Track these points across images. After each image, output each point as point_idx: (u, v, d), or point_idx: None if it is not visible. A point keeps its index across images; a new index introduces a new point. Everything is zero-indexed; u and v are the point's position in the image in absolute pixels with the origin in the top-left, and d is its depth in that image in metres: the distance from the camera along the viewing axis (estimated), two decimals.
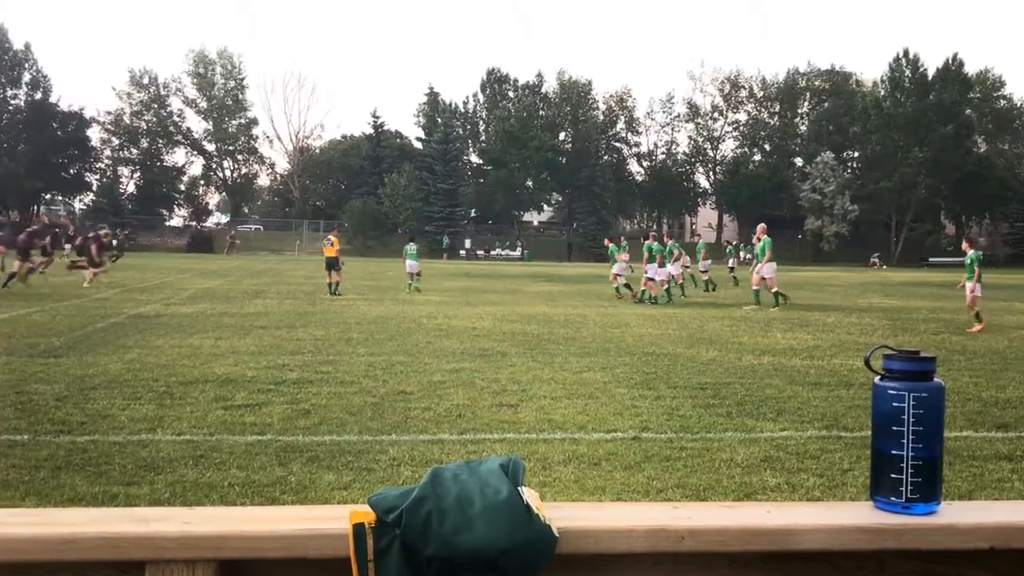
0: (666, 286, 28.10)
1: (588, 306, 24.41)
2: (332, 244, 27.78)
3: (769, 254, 25.26)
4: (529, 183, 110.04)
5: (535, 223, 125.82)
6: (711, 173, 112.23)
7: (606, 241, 32.67)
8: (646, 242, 27.77)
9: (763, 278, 25.41)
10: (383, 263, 62.54)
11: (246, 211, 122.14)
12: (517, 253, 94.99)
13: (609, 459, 7.16)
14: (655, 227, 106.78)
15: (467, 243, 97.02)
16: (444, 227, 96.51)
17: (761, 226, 26.64)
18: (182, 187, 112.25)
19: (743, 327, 18.43)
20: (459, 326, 17.51)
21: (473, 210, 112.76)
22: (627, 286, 28.46)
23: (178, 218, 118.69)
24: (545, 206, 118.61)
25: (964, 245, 20.63)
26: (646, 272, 27.05)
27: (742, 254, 70.07)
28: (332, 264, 27.26)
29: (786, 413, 9.38)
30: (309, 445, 7.50)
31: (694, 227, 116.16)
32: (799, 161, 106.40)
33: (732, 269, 43.33)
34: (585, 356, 13.18)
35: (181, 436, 7.82)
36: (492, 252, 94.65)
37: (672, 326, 18.46)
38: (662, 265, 27.88)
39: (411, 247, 31.80)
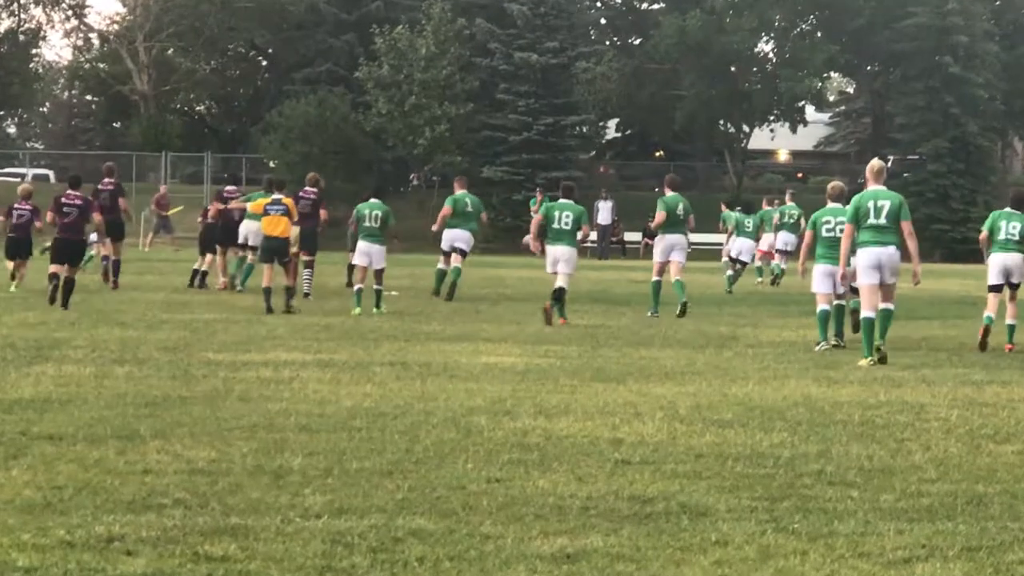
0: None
1: (927, 380, 10.52)
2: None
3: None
4: (767, 48, 49.49)
5: (783, 157, 58.75)
6: None
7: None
8: None
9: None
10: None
11: (11, 131, 59.83)
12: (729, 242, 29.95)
13: None
14: None
15: (603, 211, 40.55)
16: (533, 170, 42.15)
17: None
18: None
19: None
20: (578, 435, 7.48)
21: (614, 123, 52.96)
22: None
23: None
24: (811, 111, 53.35)
25: None
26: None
27: None
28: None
29: None
30: None
31: None
32: None
33: None
34: (922, 517, 5.71)
35: None
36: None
37: None
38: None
39: (368, 211, 16.05)
